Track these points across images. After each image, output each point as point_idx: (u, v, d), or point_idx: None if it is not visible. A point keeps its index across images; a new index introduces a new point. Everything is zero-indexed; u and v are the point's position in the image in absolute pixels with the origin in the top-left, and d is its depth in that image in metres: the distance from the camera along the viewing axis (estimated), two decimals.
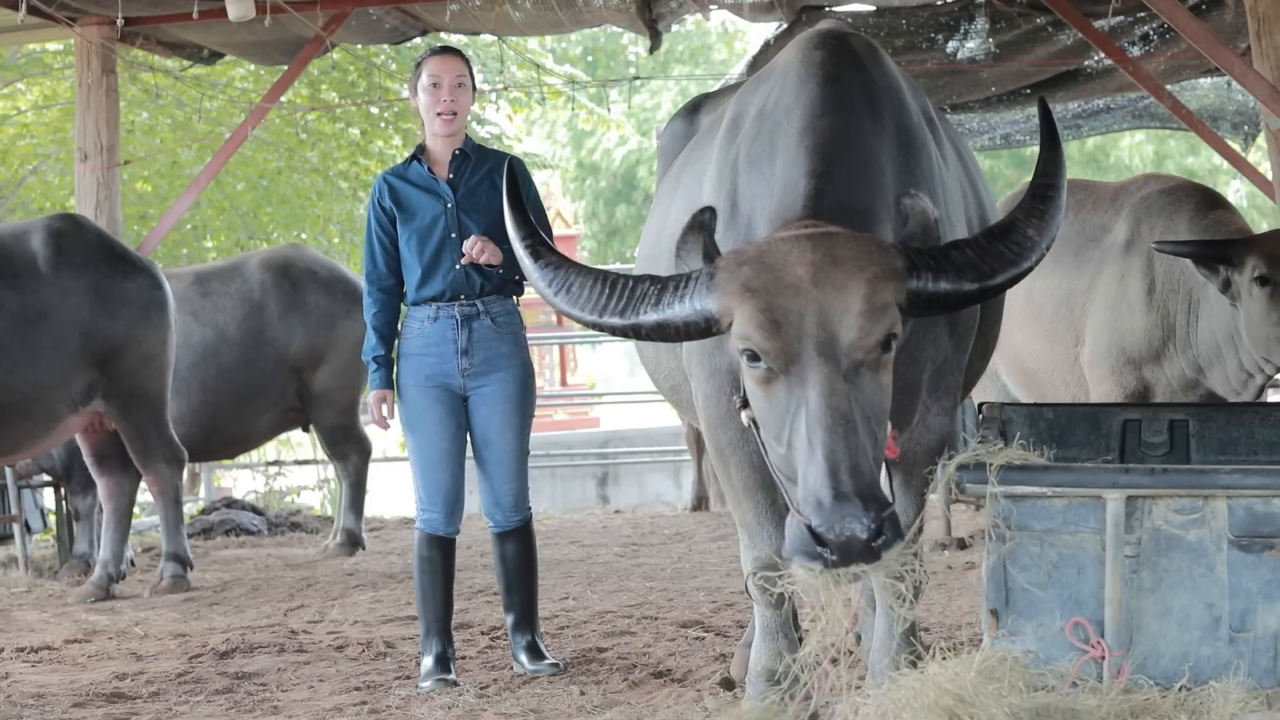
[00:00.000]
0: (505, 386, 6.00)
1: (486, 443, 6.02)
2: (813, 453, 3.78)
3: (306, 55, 11.08)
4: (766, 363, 3.91)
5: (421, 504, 6.01)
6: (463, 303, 5.96)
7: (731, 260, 4.02)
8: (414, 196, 6.02)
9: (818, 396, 3.82)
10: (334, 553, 10.42)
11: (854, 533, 3.69)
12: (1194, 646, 4.46)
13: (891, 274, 3.93)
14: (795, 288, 3.89)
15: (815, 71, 4.51)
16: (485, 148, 6.29)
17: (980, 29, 11.27)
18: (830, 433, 3.78)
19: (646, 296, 4.07)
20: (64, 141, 15.06)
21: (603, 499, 14.99)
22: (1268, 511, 4.44)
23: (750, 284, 3.93)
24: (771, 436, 3.98)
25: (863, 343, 3.88)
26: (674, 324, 4.04)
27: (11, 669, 6.69)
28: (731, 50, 31.00)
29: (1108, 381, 7.87)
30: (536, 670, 6.02)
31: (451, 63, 6.03)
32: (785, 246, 3.98)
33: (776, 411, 3.94)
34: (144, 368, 8.79)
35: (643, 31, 11.12)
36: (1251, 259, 7.14)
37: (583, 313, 4.16)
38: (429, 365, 5.95)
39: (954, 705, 4.00)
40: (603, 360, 30.95)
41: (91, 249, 8.78)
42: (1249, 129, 12.90)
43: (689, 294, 4.01)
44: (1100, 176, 25.69)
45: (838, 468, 3.75)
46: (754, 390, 4.02)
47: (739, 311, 3.93)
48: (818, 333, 3.86)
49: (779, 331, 3.87)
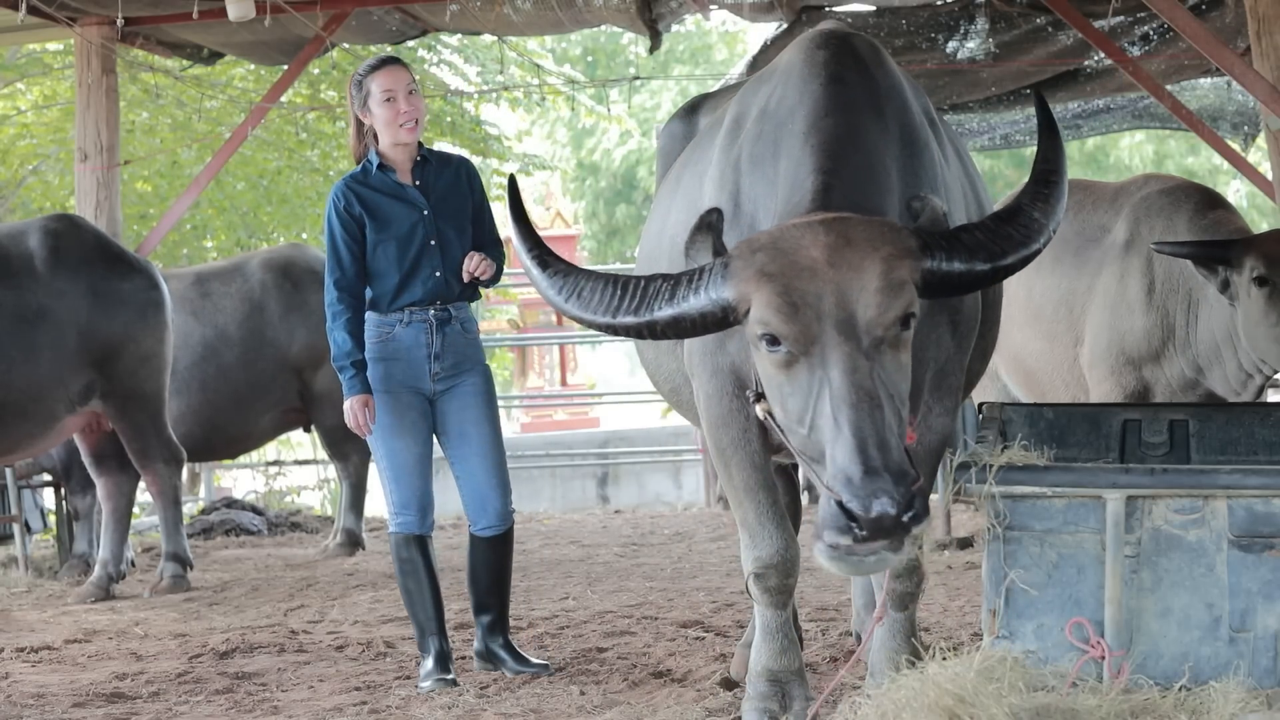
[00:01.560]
0: (475, 384, 6.04)
1: (464, 437, 6.00)
2: (839, 430, 3.79)
3: (306, 55, 11.08)
4: (786, 346, 3.92)
5: (395, 508, 5.99)
6: (437, 308, 5.96)
7: (745, 248, 4.04)
8: (384, 204, 5.97)
9: (840, 375, 3.84)
10: (334, 553, 10.42)
11: (884, 507, 3.70)
12: (1194, 646, 4.47)
13: (906, 253, 3.97)
14: (811, 270, 3.91)
15: (819, 71, 4.52)
16: (440, 152, 6.25)
17: (980, 29, 11.27)
18: (856, 409, 3.79)
19: (660, 294, 4.08)
20: (64, 141, 15.07)
21: (603, 499, 14.99)
22: (1268, 511, 4.44)
23: (766, 269, 3.95)
24: (793, 421, 3.98)
25: (882, 319, 3.90)
26: (689, 317, 4.05)
27: (11, 669, 6.69)
28: (731, 50, 30.99)
29: (1107, 381, 7.87)
30: (521, 670, 6.01)
31: (400, 72, 6.00)
32: (798, 232, 4.01)
33: (798, 395, 3.94)
34: (141, 368, 8.79)
35: (643, 31, 11.12)
36: (1250, 259, 7.14)
37: (596, 316, 4.17)
38: (399, 370, 5.94)
39: (954, 705, 4.01)
40: (603, 360, 30.97)
41: (88, 249, 8.78)
42: (1249, 129, 12.90)
43: (704, 286, 4.03)
44: (1100, 176, 25.69)
45: (865, 443, 3.76)
46: (773, 376, 4.01)
47: (756, 297, 3.94)
48: (837, 312, 3.88)
49: (797, 314, 3.89)
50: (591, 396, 21.30)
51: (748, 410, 4.65)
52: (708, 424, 4.78)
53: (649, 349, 5.53)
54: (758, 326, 3.97)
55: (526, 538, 11.03)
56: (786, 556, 4.74)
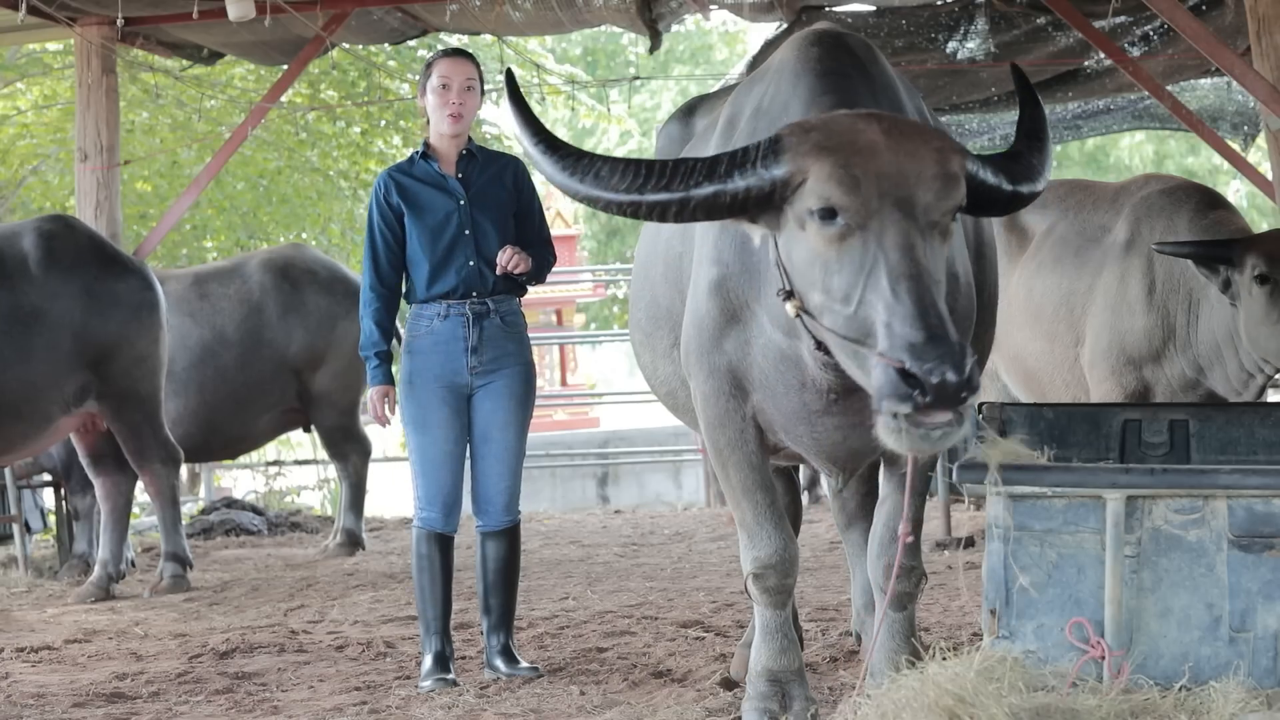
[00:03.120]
0: (511, 384, 6.02)
1: (487, 439, 6.02)
2: (899, 300, 3.80)
3: (306, 55, 11.08)
4: (844, 218, 3.94)
5: (420, 502, 6.01)
6: (474, 300, 5.97)
7: (796, 128, 4.09)
8: (423, 193, 6.03)
9: (899, 249, 3.87)
10: (334, 553, 10.42)
11: (948, 373, 3.70)
12: (1194, 646, 4.46)
13: (956, 150, 4.07)
14: (871, 149, 3.97)
15: (813, 65, 4.54)
16: (490, 149, 6.33)
17: (980, 29, 11.27)
18: (917, 281, 3.82)
19: (695, 171, 4.09)
20: (64, 141, 15.07)
21: (603, 499, 15.00)
22: (1268, 511, 4.43)
23: (825, 144, 3.99)
24: (837, 300, 3.97)
25: (940, 204, 3.96)
26: (730, 192, 4.06)
27: (11, 669, 6.69)
28: (731, 50, 31.00)
29: (1108, 381, 7.87)
30: (514, 673, 6.00)
31: (462, 65, 6.07)
32: (851, 119, 4.08)
33: (848, 270, 3.94)
34: (136, 369, 8.78)
35: (643, 31, 11.12)
36: (1251, 258, 7.14)
37: (618, 194, 4.14)
38: (437, 363, 5.96)
39: (954, 705, 4.00)
40: (603, 360, 30.97)
41: (82, 250, 8.77)
42: (1249, 129, 12.89)
43: (750, 162, 4.05)
44: (1100, 176, 25.69)
45: (927, 311, 3.78)
46: (821, 252, 4.00)
47: (815, 169, 3.97)
48: (896, 190, 3.93)
49: (859, 186, 3.92)
50: (591, 396, 21.32)
51: (744, 410, 4.66)
52: (705, 424, 4.78)
53: (646, 352, 5.52)
54: (814, 200, 3.98)
55: (527, 538, 10.99)
56: (785, 556, 4.74)
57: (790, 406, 4.57)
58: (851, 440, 4.59)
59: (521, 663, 6.10)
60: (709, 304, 4.64)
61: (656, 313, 5.33)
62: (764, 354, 4.55)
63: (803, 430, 4.62)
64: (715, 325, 4.63)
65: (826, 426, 4.57)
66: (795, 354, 4.44)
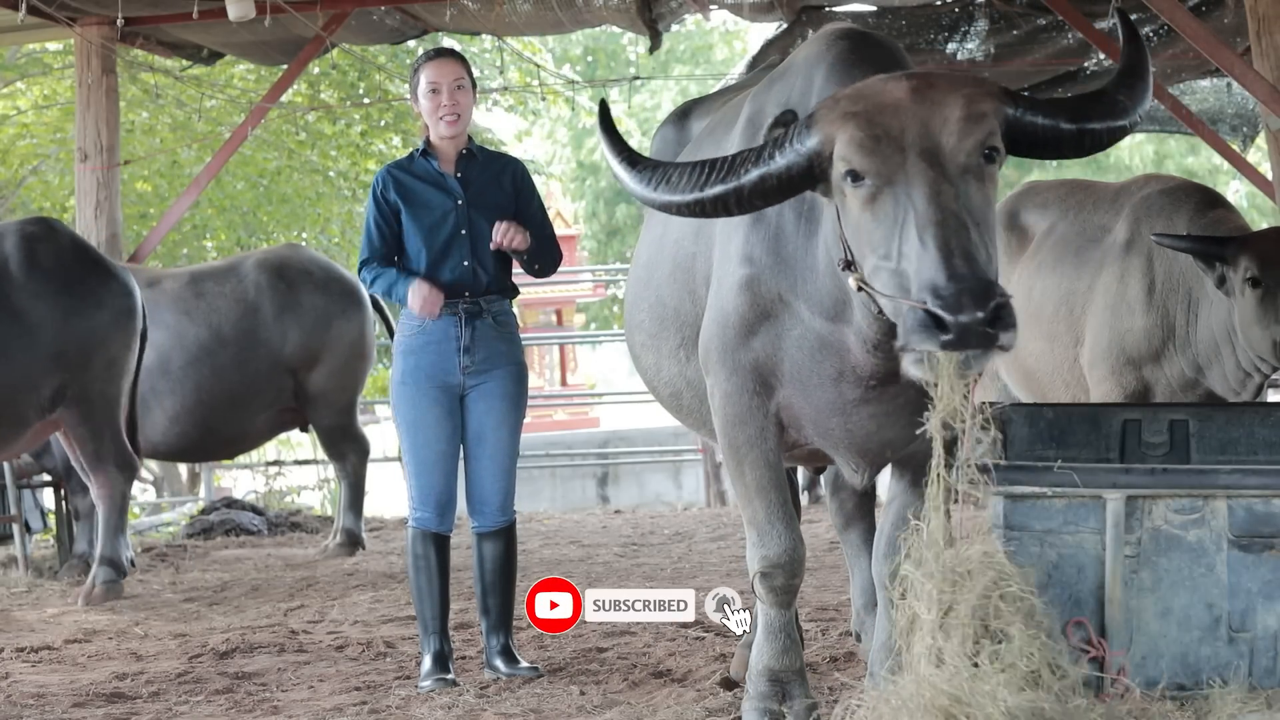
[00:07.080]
0: (504, 384, 6.02)
1: (480, 439, 6.02)
2: (925, 246, 3.84)
3: (306, 55, 11.09)
4: (870, 179, 3.98)
5: (414, 502, 6.02)
6: (466, 300, 5.97)
7: (829, 101, 4.16)
8: (421, 190, 6.03)
9: (924, 198, 3.90)
10: (334, 553, 10.41)
11: (971, 313, 3.72)
12: (1194, 646, 4.46)
13: (988, 94, 4.08)
14: (895, 106, 4.01)
15: (844, 57, 4.58)
16: (491, 150, 6.33)
17: (980, 29, 11.28)
18: (941, 226, 3.84)
19: (745, 160, 4.18)
20: (64, 141, 15.08)
21: (603, 499, 15.00)
22: (1268, 511, 4.44)
23: (850, 110, 4.05)
24: (880, 257, 3.99)
25: (963, 145, 3.97)
26: (775, 173, 4.14)
27: (11, 669, 6.69)
28: (731, 50, 31.00)
29: (1108, 382, 7.86)
30: (514, 673, 5.99)
31: (449, 66, 6.06)
32: (880, 82, 4.13)
33: (884, 227, 3.98)
34: (106, 372, 8.70)
35: (643, 31, 11.13)
36: (1244, 258, 7.13)
37: (686, 195, 4.27)
38: (429, 363, 5.96)
39: (950, 705, 4.00)
40: (603, 360, 30.97)
41: (64, 254, 8.69)
42: (1248, 130, 12.90)
43: (789, 141, 4.13)
44: (1100, 176, 25.68)
45: (951, 254, 3.80)
46: (858, 216, 4.04)
47: (840, 135, 4.03)
48: (920, 143, 3.96)
49: (879, 145, 3.97)
50: (591, 396, 21.32)
51: (767, 408, 4.67)
52: (723, 421, 4.77)
53: (648, 354, 5.50)
54: (841, 164, 4.04)
55: (526, 538, 11.02)
56: (794, 556, 4.74)
57: (824, 399, 4.58)
58: (886, 430, 4.59)
59: (521, 663, 6.10)
60: (737, 301, 4.65)
61: (663, 314, 5.32)
62: (799, 346, 4.56)
63: (835, 423, 4.62)
64: (743, 322, 4.64)
65: (861, 416, 4.57)
66: (838, 340, 4.45)
